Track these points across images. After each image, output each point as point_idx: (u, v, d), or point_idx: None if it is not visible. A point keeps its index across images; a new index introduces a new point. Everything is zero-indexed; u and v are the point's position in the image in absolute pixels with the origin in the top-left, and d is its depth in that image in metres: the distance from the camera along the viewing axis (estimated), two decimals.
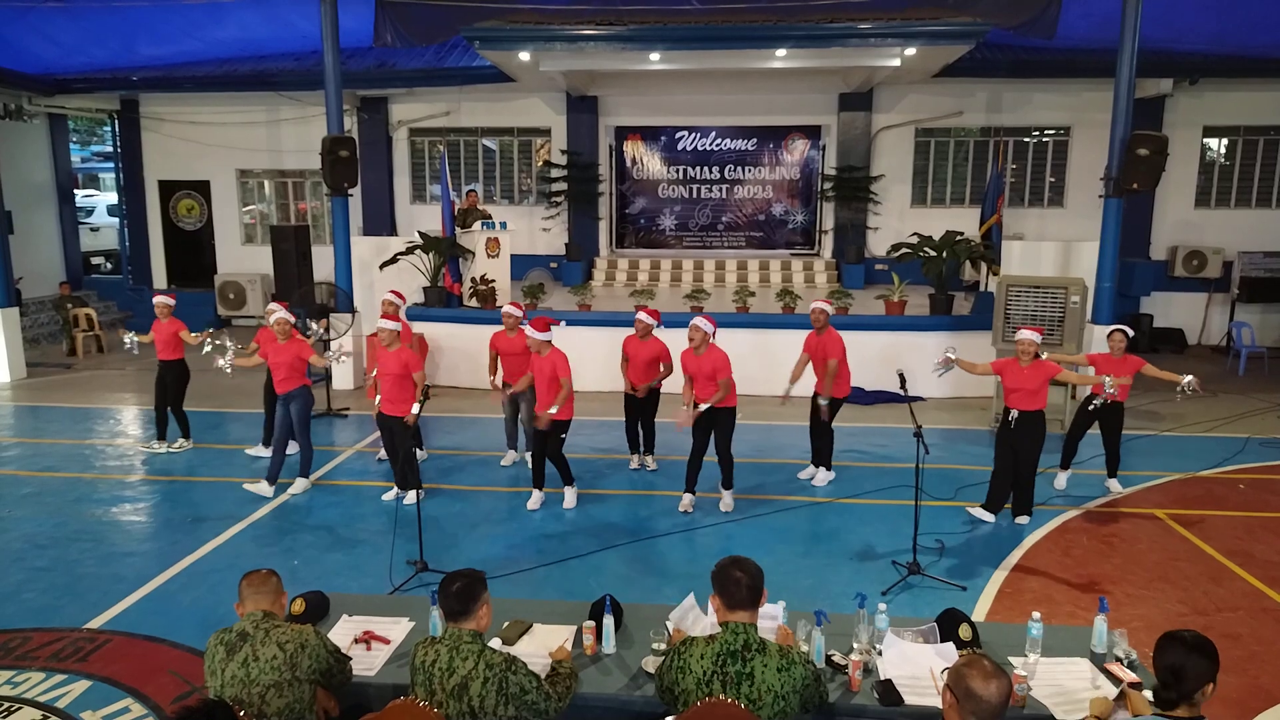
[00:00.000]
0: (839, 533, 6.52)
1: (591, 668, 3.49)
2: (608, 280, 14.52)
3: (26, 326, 12.95)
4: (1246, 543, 6.30)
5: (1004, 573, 5.81)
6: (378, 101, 14.94)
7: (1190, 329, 13.98)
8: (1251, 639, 4.95)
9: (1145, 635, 4.42)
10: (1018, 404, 6.38)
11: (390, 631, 3.75)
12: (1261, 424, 9.39)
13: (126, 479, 7.75)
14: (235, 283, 15.20)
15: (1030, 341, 6.34)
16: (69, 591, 5.54)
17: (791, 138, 14.93)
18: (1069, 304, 9.03)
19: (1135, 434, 8.96)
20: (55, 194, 16.02)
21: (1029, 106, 14.20)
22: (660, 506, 7.01)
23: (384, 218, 15.25)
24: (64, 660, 4.70)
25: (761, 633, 3.01)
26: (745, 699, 2.86)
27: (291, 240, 11.31)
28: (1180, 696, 2.66)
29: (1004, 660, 3.40)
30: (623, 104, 14.80)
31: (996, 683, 2.52)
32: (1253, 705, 4.28)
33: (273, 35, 13.96)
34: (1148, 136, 9.54)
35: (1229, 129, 14.10)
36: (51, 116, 15.75)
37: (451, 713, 2.94)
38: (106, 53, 13.94)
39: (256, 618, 3.13)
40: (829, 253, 14.94)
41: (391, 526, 6.29)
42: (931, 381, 10.26)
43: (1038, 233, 13.95)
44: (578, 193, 14.78)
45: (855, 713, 3.23)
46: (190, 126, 15.24)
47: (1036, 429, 6.43)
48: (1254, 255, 13.36)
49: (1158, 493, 7.39)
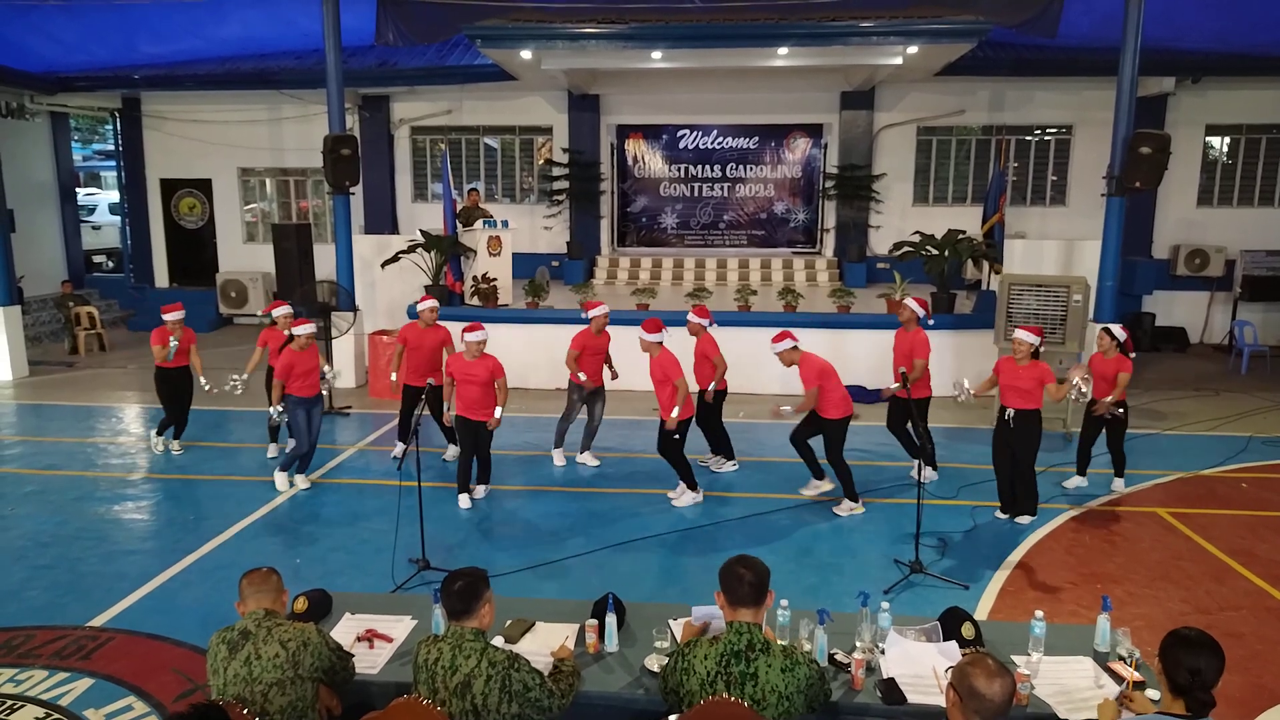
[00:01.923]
0: (841, 531, 6.52)
1: (594, 666, 3.48)
2: (609, 279, 14.51)
3: (28, 325, 12.95)
4: (1249, 541, 6.30)
5: (1006, 571, 5.81)
6: (379, 100, 14.94)
7: (1192, 328, 13.96)
8: (1254, 638, 4.94)
9: (1148, 634, 4.43)
10: (1012, 402, 6.40)
11: (393, 630, 3.75)
12: (1264, 423, 9.37)
13: (128, 477, 7.76)
14: (237, 281, 15.20)
15: (1024, 341, 6.35)
16: (71, 590, 5.55)
17: (793, 136, 14.91)
18: (1071, 303, 9.01)
19: (1138, 433, 8.94)
20: (57, 192, 16.02)
21: (1031, 105, 14.19)
22: (664, 505, 7.01)
23: (386, 216, 15.25)
24: (67, 658, 4.71)
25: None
26: (749, 699, 2.85)
27: (293, 239, 11.30)
28: (1208, 701, 2.65)
29: (1007, 659, 3.39)
30: (624, 102, 14.78)
31: (1000, 681, 2.52)
32: (1256, 704, 4.28)
33: (274, 33, 13.97)
34: (1150, 135, 9.52)
35: (1231, 128, 14.07)
36: (53, 115, 15.75)
37: (454, 711, 2.94)
38: (108, 51, 13.95)
39: (258, 616, 3.13)
40: (831, 251, 14.93)
41: (394, 524, 6.29)
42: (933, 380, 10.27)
43: (1040, 231, 13.92)
44: (579, 191, 14.77)
45: (858, 711, 3.23)
46: (192, 125, 15.24)
47: (1032, 428, 6.42)
48: (1256, 254, 13.33)
49: (1160, 491, 7.38)
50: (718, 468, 7.87)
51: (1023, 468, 6.53)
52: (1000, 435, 6.55)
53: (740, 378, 8.85)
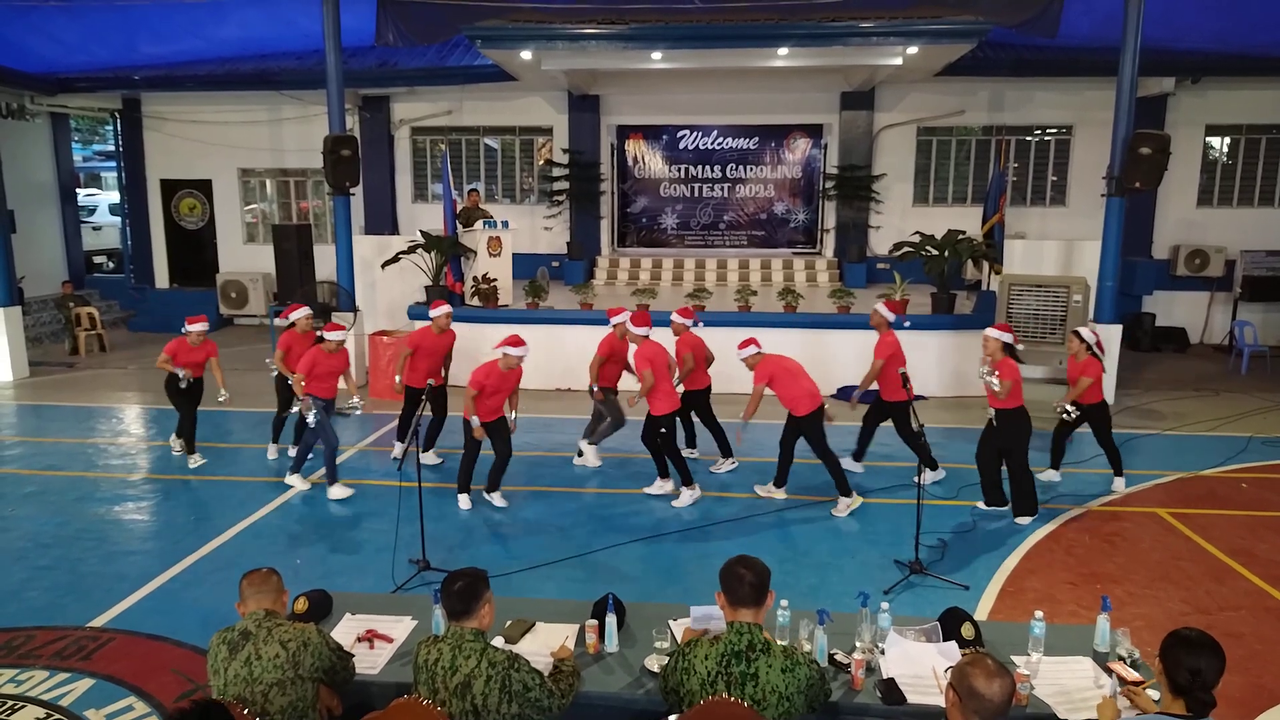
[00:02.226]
0: (841, 532, 6.53)
1: (594, 666, 3.49)
2: (609, 279, 14.52)
3: (29, 325, 12.95)
4: (1249, 542, 6.30)
5: (1006, 572, 5.81)
6: (379, 100, 14.94)
7: (1193, 328, 13.96)
8: (1254, 638, 4.95)
9: (1148, 634, 4.43)
10: (991, 403, 6.54)
11: (393, 630, 3.75)
12: (1264, 423, 9.37)
13: (129, 478, 7.76)
14: (237, 282, 15.20)
15: (994, 339, 6.46)
16: (72, 590, 5.55)
17: (793, 136, 14.91)
18: (1071, 303, 9.03)
19: (1139, 433, 8.96)
20: (57, 193, 16.03)
21: (1031, 105, 14.19)
22: (663, 505, 7.01)
23: (386, 217, 15.25)
24: (67, 659, 4.71)
25: None
26: (750, 699, 2.85)
27: (293, 239, 11.33)
28: (1208, 701, 2.66)
29: (1006, 659, 3.39)
30: (624, 103, 14.79)
31: (999, 681, 2.52)
32: (1255, 704, 4.28)
33: (274, 34, 13.96)
34: (1150, 135, 9.53)
35: (1231, 128, 14.07)
36: (54, 116, 15.76)
37: (454, 711, 2.95)
38: (108, 52, 13.95)
39: (259, 616, 3.13)
40: (831, 252, 14.93)
41: (394, 525, 6.29)
42: (933, 380, 10.30)
43: (1040, 232, 13.92)
44: (579, 192, 14.77)
45: (858, 711, 3.24)
46: (192, 125, 15.24)
47: (1018, 427, 6.48)
48: (1256, 254, 13.34)
49: (1160, 492, 7.38)
50: (716, 469, 7.89)
51: (1014, 467, 6.57)
52: (988, 435, 6.65)
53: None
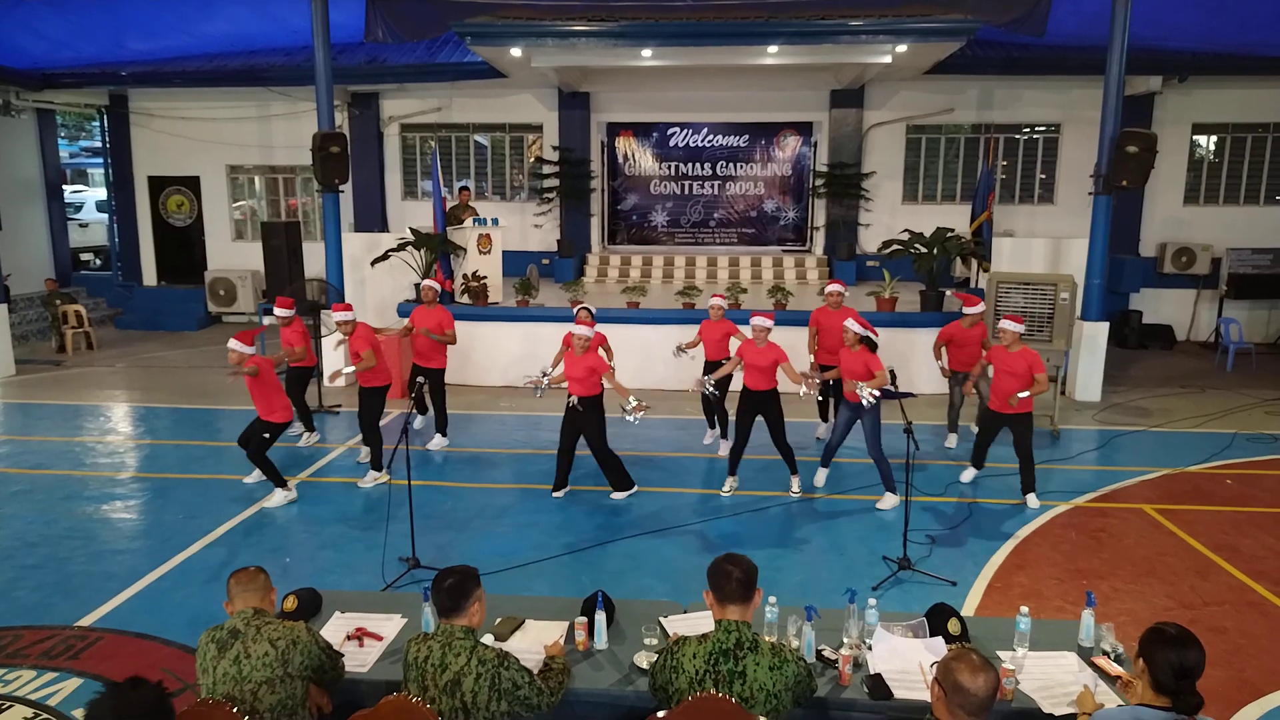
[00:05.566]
0: (829, 528, 6.55)
1: (584, 663, 3.50)
2: (600, 277, 14.51)
3: (15, 323, 12.89)
4: (1233, 537, 6.36)
5: (993, 568, 5.85)
6: (369, 97, 14.89)
7: (1179, 325, 14.06)
8: (1237, 632, 5.00)
9: (1132, 629, 4.45)
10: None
11: (383, 628, 3.76)
12: (1248, 420, 9.46)
13: (117, 476, 7.73)
14: (225, 279, 15.14)
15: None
16: (60, 589, 5.53)
17: (783, 134, 14.94)
18: (1059, 300, 9.07)
19: (1124, 429, 9.03)
20: (43, 190, 15.91)
21: (1019, 103, 14.25)
22: (652, 503, 7.03)
23: (375, 214, 15.20)
24: (55, 658, 4.69)
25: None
26: (738, 697, 2.87)
27: (282, 236, 11.26)
28: (1197, 702, 2.69)
29: (992, 654, 3.42)
30: (615, 100, 14.78)
31: (984, 676, 2.55)
32: (1238, 698, 4.33)
33: (263, 30, 13.88)
34: (1137, 134, 9.59)
35: (1218, 126, 14.17)
36: (40, 112, 15.63)
37: (444, 709, 2.95)
38: (95, 47, 13.84)
39: (247, 615, 3.13)
40: (821, 249, 14.96)
41: (384, 523, 6.29)
42: (922, 378, 10.34)
43: (1028, 229, 13.99)
44: (570, 189, 14.76)
45: (845, 706, 3.26)
46: (180, 122, 15.17)
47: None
48: (1242, 252, 13.44)
49: (1146, 488, 7.44)
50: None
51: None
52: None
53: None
